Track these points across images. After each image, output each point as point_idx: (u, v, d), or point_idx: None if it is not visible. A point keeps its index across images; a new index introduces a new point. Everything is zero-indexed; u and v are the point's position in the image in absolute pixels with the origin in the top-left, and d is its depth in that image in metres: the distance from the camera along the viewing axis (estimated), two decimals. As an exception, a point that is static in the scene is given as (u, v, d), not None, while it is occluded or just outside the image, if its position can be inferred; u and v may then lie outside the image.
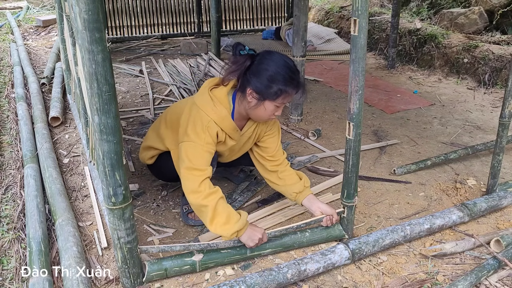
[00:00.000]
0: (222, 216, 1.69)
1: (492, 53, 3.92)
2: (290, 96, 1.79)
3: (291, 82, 1.75)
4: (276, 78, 1.73)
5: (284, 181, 1.97)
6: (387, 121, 3.25)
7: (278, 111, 1.82)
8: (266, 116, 1.83)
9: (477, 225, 2.04)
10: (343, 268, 1.75)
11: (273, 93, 1.74)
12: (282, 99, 1.77)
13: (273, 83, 1.73)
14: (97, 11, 1.20)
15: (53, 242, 1.86)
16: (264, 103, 1.77)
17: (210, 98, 1.82)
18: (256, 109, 1.80)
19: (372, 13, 5.42)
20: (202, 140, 1.77)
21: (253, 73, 1.76)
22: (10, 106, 3.44)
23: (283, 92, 1.75)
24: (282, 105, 1.81)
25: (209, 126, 1.79)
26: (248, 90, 1.77)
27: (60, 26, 3.14)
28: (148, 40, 5.72)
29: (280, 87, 1.73)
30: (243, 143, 1.99)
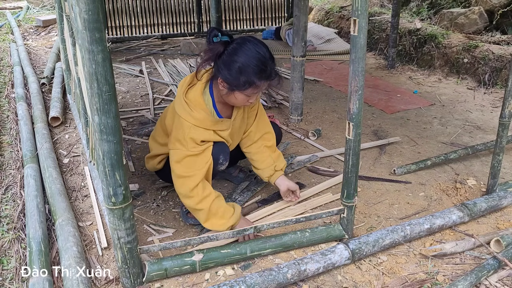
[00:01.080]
0: (216, 216, 1.80)
1: (492, 53, 3.92)
2: (260, 87, 1.78)
3: (261, 73, 1.74)
4: (245, 70, 1.72)
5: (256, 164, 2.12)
6: (387, 121, 3.25)
7: (251, 99, 1.82)
8: (239, 104, 1.86)
9: (477, 225, 2.04)
10: (343, 268, 1.75)
11: (241, 84, 1.74)
12: (251, 90, 1.76)
13: (241, 75, 1.72)
14: (97, 11, 1.20)
15: (53, 242, 1.86)
16: (234, 93, 1.79)
17: (185, 103, 1.83)
18: (228, 97, 1.83)
19: (372, 13, 5.42)
20: (186, 146, 1.81)
21: (223, 63, 1.76)
22: (10, 106, 3.44)
23: (251, 84, 1.74)
24: (254, 95, 1.81)
25: (190, 132, 1.81)
26: (219, 79, 1.79)
27: (60, 26, 3.14)
28: (148, 40, 5.72)
29: (248, 79, 1.73)
30: (238, 125, 2.02)
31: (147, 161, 2.17)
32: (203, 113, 1.83)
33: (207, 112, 1.85)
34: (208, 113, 1.85)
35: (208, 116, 1.85)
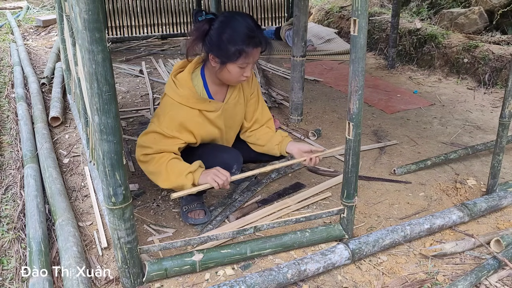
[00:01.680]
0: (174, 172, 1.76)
1: (492, 53, 3.92)
2: (251, 55, 1.76)
3: (249, 40, 1.73)
4: (233, 39, 1.71)
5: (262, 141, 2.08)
6: (387, 121, 3.25)
7: (245, 71, 1.80)
8: (234, 79, 1.83)
9: (477, 225, 2.04)
10: (343, 268, 1.75)
11: (232, 54, 1.73)
12: (243, 59, 1.75)
13: (230, 45, 1.72)
14: (97, 11, 1.20)
15: (53, 242, 1.86)
16: (226, 66, 1.77)
17: (173, 82, 1.86)
18: (222, 73, 1.81)
19: (372, 13, 5.42)
20: (160, 123, 1.82)
21: (211, 38, 1.76)
22: (10, 106, 3.44)
23: (242, 52, 1.73)
24: (247, 66, 1.79)
25: (172, 109, 1.82)
26: (210, 56, 1.79)
27: (60, 26, 3.14)
28: (148, 40, 5.72)
29: (238, 48, 1.72)
30: (233, 112, 1.98)
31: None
32: (188, 90, 1.83)
33: (192, 90, 1.84)
34: (194, 91, 1.85)
35: (193, 93, 1.84)
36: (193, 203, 2.04)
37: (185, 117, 1.84)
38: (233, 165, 1.92)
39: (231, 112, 1.99)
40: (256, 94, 2.10)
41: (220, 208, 2.13)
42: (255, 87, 2.09)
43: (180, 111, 1.83)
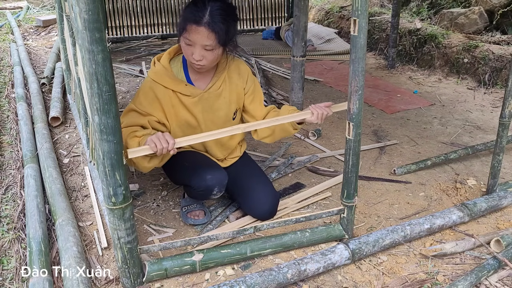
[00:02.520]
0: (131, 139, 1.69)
1: (492, 53, 3.92)
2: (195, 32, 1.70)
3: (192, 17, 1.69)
4: (183, 15, 1.74)
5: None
6: (387, 121, 3.25)
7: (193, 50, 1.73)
8: (187, 56, 1.79)
9: (477, 225, 2.04)
10: (343, 268, 1.75)
11: (181, 28, 1.75)
12: (187, 33, 1.72)
13: (182, 19, 1.74)
14: (97, 11, 1.20)
15: (53, 242, 1.86)
16: (180, 41, 1.79)
17: (152, 64, 1.89)
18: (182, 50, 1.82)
19: (372, 13, 5.42)
20: (135, 99, 1.83)
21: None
22: (10, 106, 3.44)
23: (186, 25, 1.72)
24: (191, 43, 1.73)
25: (144, 86, 1.84)
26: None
27: (60, 26, 3.14)
28: (148, 40, 5.72)
29: (183, 21, 1.73)
30: (213, 103, 1.92)
31: None
32: (162, 68, 1.85)
33: (167, 68, 1.86)
34: (169, 70, 1.86)
35: (167, 71, 1.85)
36: (193, 203, 2.04)
37: (159, 95, 1.84)
38: (214, 188, 1.86)
39: (212, 103, 1.92)
40: (256, 89, 2.03)
41: (220, 208, 2.13)
42: (251, 82, 2.01)
43: (155, 88, 1.84)
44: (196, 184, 1.87)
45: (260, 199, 1.96)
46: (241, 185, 2.01)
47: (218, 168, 1.94)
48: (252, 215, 1.99)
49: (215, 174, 1.88)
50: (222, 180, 1.89)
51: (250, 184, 2.00)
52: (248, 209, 1.99)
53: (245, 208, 2.01)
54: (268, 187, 2.00)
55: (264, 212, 1.95)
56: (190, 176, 1.89)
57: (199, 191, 1.89)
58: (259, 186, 1.99)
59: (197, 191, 1.91)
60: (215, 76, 1.93)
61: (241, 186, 2.01)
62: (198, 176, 1.86)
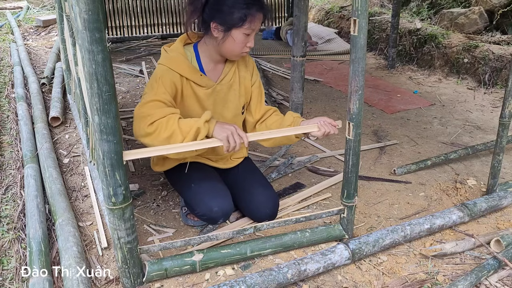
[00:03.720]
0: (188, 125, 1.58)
1: (492, 53, 3.92)
2: (257, 19, 1.68)
3: (254, 3, 1.66)
4: (237, 2, 1.64)
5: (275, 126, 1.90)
6: (387, 121, 3.25)
7: (249, 40, 1.73)
8: (238, 49, 1.73)
9: (477, 225, 2.03)
10: (343, 268, 1.75)
11: (237, 18, 1.65)
12: (248, 23, 1.67)
13: (234, 8, 1.64)
14: (97, 11, 1.20)
15: (53, 242, 1.86)
16: (231, 33, 1.69)
17: (165, 51, 1.79)
18: (225, 43, 1.71)
19: (372, 13, 5.42)
20: (155, 90, 1.70)
21: (212, 5, 1.68)
22: (10, 106, 3.44)
23: (247, 15, 1.65)
24: (251, 32, 1.71)
25: (163, 75, 1.72)
26: (212, 25, 1.70)
27: (60, 26, 3.14)
28: (148, 40, 5.72)
29: (243, 11, 1.64)
30: (225, 95, 1.87)
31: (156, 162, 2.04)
32: (178, 54, 1.76)
33: (183, 55, 1.77)
34: (185, 56, 1.77)
35: (183, 58, 1.76)
36: None
37: (176, 82, 1.75)
38: (218, 219, 1.85)
39: (223, 96, 1.87)
40: (258, 85, 1.99)
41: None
42: (256, 77, 1.97)
43: (171, 76, 1.73)
44: (201, 212, 1.84)
45: (261, 202, 1.94)
46: (242, 188, 1.99)
47: (225, 196, 1.87)
48: (253, 218, 1.98)
49: (221, 206, 1.82)
50: (227, 212, 1.85)
51: (251, 188, 1.98)
52: (249, 212, 1.98)
53: (246, 211, 2.00)
54: (268, 191, 1.99)
55: (265, 216, 1.94)
56: (196, 202, 1.85)
57: (202, 218, 1.88)
58: (259, 190, 1.97)
59: (200, 217, 1.89)
60: (226, 67, 1.87)
61: (242, 189, 1.99)
62: (204, 205, 1.82)
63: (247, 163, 2.13)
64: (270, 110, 1.99)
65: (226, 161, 2.06)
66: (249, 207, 1.97)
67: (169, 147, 1.54)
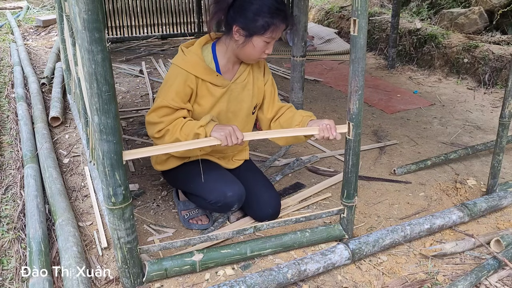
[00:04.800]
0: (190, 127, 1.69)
1: (492, 53, 3.92)
2: (279, 29, 1.72)
3: (278, 13, 1.69)
4: (262, 10, 1.67)
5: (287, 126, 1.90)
6: (387, 121, 3.25)
7: (268, 48, 1.76)
8: (256, 55, 1.77)
9: (477, 225, 2.03)
10: (343, 268, 1.75)
11: (260, 26, 1.68)
12: (270, 32, 1.70)
13: (259, 16, 1.67)
14: (96, 11, 1.20)
15: (53, 242, 1.86)
16: (252, 40, 1.71)
17: (182, 51, 1.81)
18: (245, 47, 1.74)
19: (372, 13, 5.42)
20: (167, 94, 1.74)
21: (237, 8, 1.70)
22: (10, 106, 3.44)
23: (270, 24, 1.68)
24: (272, 41, 1.75)
25: (177, 77, 1.75)
26: (234, 28, 1.72)
27: (60, 26, 3.14)
28: (148, 40, 5.72)
29: (267, 20, 1.67)
30: (238, 93, 1.89)
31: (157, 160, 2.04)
32: (196, 57, 1.77)
33: (201, 58, 1.79)
34: (202, 59, 1.79)
35: (201, 61, 1.78)
36: (195, 209, 2.02)
37: (192, 84, 1.78)
38: (233, 205, 1.85)
39: (238, 95, 1.89)
40: (271, 83, 2.00)
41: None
42: (268, 76, 1.99)
43: (187, 79, 1.76)
44: (214, 199, 1.83)
45: (264, 202, 1.96)
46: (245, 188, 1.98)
47: (236, 182, 1.89)
48: (256, 218, 1.98)
49: (235, 190, 1.84)
50: (241, 196, 1.86)
51: (253, 188, 1.98)
52: (252, 212, 1.99)
53: (249, 211, 2.01)
54: (271, 191, 2.00)
55: (268, 215, 1.95)
56: (209, 190, 1.84)
57: (216, 206, 1.86)
58: (262, 190, 1.99)
59: (213, 206, 1.87)
60: (242, 67, 1.89)
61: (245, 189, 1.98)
62: (217, 191, 1.83)
63: (248, 164, 2.14)
64: (284, 107, 1.99)
65: (228, 161, 2.06)
66: (252, 206, 1.97)
67: (167, 146, 1.56)
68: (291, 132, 1.79)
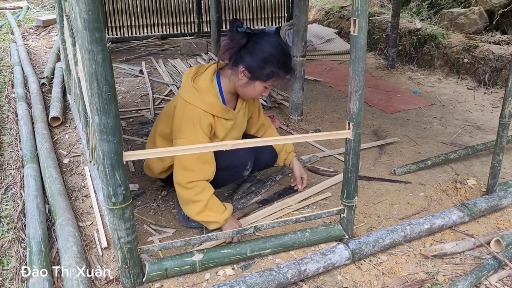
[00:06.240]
0: (212, 209, 1.80)
1: (492, 53, 3.92)
2: (281, 79, 1.85)
3: (284, 65, 1.81)
4: (270, 60, 1.77)
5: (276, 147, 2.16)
6: (387, 121, 3.25)
7: (266, 92, 1.88)
8: (254, 95, 1.89)
9: (477, 225, 2.04)
10: (343, 268, 1.75)
11: (265, 74, 1.79)
12: (272, 81, 1.83)
13: (266, 65, 1.77)
14: (97, 11, 1.20)
15: (53, 242, 1.86)
16: (254, 83, 1.82)
17: (195, 90, 1.84)
18: (246, 88, 1.84)
19: (372, 13, 5.42)
20: (194, 135, 1.80)
21: (248, 51, 1.79)
22: (10, 106, 3.44)
23: (274, 74, 1.80)
24: (270, 87, 1.86)
25: (201, 119, 1.81)
26: (240, 68, 1.80)
27: (60, 26, 3.14)
28: (148, 40, 5.72)
29: (273, 69, 1.78)
30: (240, 120, 2.03)
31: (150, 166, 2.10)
32: (213, 98, 1.84)
33: (218, 98, 1.87)
34: (219, 100, 1.87)
35: (218, 101, 1.86)
36: None
37: (212, 122, 1.86)
38: (247, 162, 1.98)
39: (239, 122, 2.02)
40: (258, 102, 2.18)
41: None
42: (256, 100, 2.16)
43: (207, 118, 1.83)
44: (228, 162, 1.91)
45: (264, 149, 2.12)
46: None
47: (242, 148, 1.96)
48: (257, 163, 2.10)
49: (246, 150, 1.94)
50: (251, 156, 1.99)
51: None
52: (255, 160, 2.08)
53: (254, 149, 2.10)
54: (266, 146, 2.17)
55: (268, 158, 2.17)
56: (221, 159, 1.89)
57: (231, 168, 1.95)
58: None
59: (228, 170, 1.95)
60: (240, 98, 1.99)
61: None
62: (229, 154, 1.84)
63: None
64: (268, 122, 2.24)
65: None
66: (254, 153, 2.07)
67: (170, 149, 1.56)
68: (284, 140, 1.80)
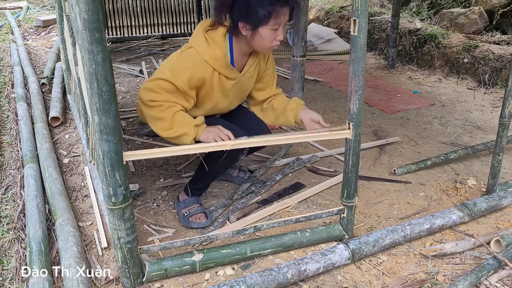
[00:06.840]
0: (181, 124, 1.73)
1: (492, 53, 3.92)
2: (282, 14, 1.72)
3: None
4: (260, 1, 1.68)
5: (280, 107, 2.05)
6: (387, 121, 3.25)
7: (278, 34, 1.76)
8: (267, 44, 1.77)
9: (477, 225, 2.04)
10: (343, 268, 1.75)
11: (262, 17, 1.69)
12: (274, 19, 1.71)
13: (259, 7, 1.69)
14: (97, 11, 1.20)
15: (53, 242, 1.86)
16: (258, 31, 1.73)
17: (205, 39, 1.80)
18: (254, 40, 1.77)
19: (372, 13, 5.42)
20: (178, 75, 1.74)
21: (238, 7, 1.73)
22: (10, 106, 3.44)
23: (272, 12, 1.69)
24: (279, 27, 1.74)
25: (194, 66, 1.76)
26: (239, 24, 1.75)
27: (60, 26, 3.14)
28: (148, 40, 5.72)
29: (267, 8, 1.69)
30: (244, 84, 1.97)
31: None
32: (219, 52, 1.79)
33: (225, 53, 1.82)
34: (225, 55, 1.82)
35: (224, 57, 1.81)
36: (193, 206, 2.03)
37: (206, 76, 1.80)
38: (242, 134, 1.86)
39: (243, 84, 1.97)
40: (272, 70, 2.08)
41: (220, 209, 2.13)
42: (270, 64, 2.07)
43: (204, 70, 1.78)
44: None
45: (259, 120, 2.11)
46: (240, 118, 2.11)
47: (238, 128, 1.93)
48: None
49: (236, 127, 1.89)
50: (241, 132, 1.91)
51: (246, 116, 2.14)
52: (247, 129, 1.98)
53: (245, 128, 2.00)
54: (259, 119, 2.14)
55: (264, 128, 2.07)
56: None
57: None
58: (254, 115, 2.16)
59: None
60: (250, 60, 1.93)
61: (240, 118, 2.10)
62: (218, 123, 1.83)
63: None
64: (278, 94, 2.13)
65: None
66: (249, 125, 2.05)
67: (168, 149, 1.56)
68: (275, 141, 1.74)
